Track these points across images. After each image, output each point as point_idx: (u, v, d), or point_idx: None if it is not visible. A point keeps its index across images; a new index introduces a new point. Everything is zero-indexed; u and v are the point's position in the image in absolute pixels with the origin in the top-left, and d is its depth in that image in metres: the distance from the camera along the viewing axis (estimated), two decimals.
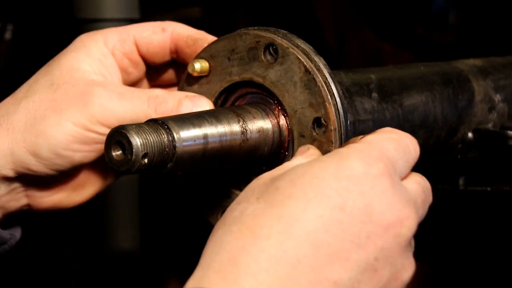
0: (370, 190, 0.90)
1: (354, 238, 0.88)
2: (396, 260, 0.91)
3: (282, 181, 0.92)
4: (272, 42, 1.07)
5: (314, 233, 0.87)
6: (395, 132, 0.98)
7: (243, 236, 0.88)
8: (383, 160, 0.93)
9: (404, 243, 0.91)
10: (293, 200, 0.89)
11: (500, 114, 1.35)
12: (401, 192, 0.92)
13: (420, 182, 0.98)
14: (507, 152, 1.30)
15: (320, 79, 1.04)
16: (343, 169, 0.91)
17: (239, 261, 0.86)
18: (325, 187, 0.90)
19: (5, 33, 2.31)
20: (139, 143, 0.96)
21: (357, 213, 0.89)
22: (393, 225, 0.90)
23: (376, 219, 0.90)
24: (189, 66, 1.12)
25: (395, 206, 0.91)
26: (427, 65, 1.30)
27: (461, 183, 1.35)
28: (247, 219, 0.89)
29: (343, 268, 0.88)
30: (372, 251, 0.89)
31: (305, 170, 0.92)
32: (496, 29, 2.12)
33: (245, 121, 1.07)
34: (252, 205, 0.91)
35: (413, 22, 2.23)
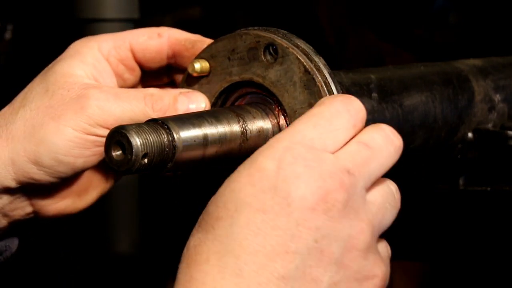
0: (284, 182, 0.91)
1: (285, 231, 0.90)
2: (339, 234, 0.91)
3: (210, 205, 0.95)
4: (272, 42, 1.07)
5: (246, 241, 0.90)
6: (319, 104, 0.97)
7: (189, 268, 0.92)
8: (292, 148, 0.92)
9: (338, 215, 0.91)
10: (220, 221, 0.92)
11: (500, 114, 1.35)
12: (319, 168, 0.92)
13: (363, 139, 0.96)
14: (507, 152, 1.30)
15: (319, 79, 1.04)
16: (255, 173, 0.92)
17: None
18: (243, 196, 0.92)
19: (5, 33, 2.31)
20: (139, 143, 0.96)
21: (278, 208, 0.90)
22: (317, 203, 0.91)
23: (298, 205, 0.90)
24: (189, 66, 1.12)
25: (313, 185, 0.91)
26: (427, 65, 1.30)
27: (461, 183, 1.35)
28: (190, 252, 0.93)
29: (286, 261, 0.89)
30: (307, 235, 0.90)
31: (224, 187, 0.94)
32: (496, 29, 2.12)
33: (245, 121, 1.07)
34: (193, 237, 0.94)
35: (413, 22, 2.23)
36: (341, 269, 0.91)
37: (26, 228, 1.19)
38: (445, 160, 1.34)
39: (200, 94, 1.12)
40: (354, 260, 0.92)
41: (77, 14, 1.90)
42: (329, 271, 0.91)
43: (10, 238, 1.18)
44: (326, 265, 0.91)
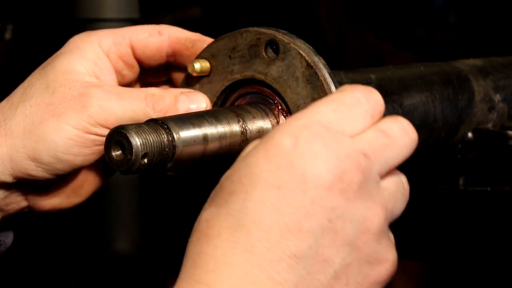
0: (301, 159, 0.90)
1: (299, 208, 0.89)
2: (353, 215, 0.90)
3: (223, 180, 0.94)
4: (273, 39, 1.07)
5: (259, 217, 0.89)
6: (340, 91, 0.97)
7: (199, 242, 0.91)
8: (310, 125, 0.92)
9: (354, 196, 0.90)
10: (233, 195, 0.91)
11: (500, 114, 1.35)
12: (337, 147, 0.91)
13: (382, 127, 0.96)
14: (507, 152, 1.30)
15: (322, 73, 1.04)
16: (271, 148, 0.91)
17: (198, 263, 0.90)
18: (258, 171, 0.91)
19: (5, 33, 2.31)
20: (139, 143, 0.96)
21: (294, 185, 0.90)
22: (333, 183, 0.90)
23: (314, 183, 0.90)
24: (189, 66, 1.12)
25: (330, 164, 0.90)
26: (427, 65, 1.30)
27: (461, 183, 1.35)
28: (201, 226, 0.92)
29: (299, 240, 0.88)
30: (321, 214, 0.89)
31: (239, 162, 0.93)
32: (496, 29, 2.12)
33: (245, 121, 1.07)
34: (205, 211, 0.93)
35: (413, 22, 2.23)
36: (354, 251, 0.91)
37: (21, 222, 1.19)
38: (445, 160, 1.34)
39: (200, 94, 1.12)
40: (367, 243, 0.91)
41: (77, 14, 1.90)
42: (342, 252, 0.90)
43: (5, 232, 1.18)
44: (339, 246, 0.90)
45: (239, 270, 0.88)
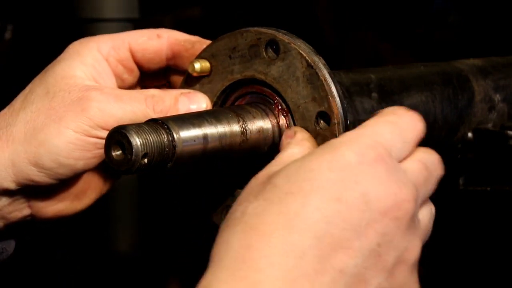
0: (364, 178, 0.91)
1: (354, 226, 0.90)
2: (399, 244, 0.92)
3: (278, 178, 0.93)
4: (273, 39, 1.07)
5: (315, 225, 0.89)
6: (394, 114, 0.99)
7: (247, 235, 0.90)
8: (376, 147, 0.94)
9: (404, 226, 0.92)
10: (291, 196, 0.91)
11: (500, 114, 1.35)
12: (397, 175, 0.93)
13: (423, 159, 0.99)
14: (507, 152, 1.30)
15: (322, 73, 1.04)
16: (336, 160, 0.92)
17: (247, 258, 0.88)
18: (321, 179, 0.91)
19: (5, 33, 2.31)
20: (139, 143, 0.96)
21: (354, 202, 0.90)
22: (391, 209, 0.92)
23: (373, 206, 0.91)
24: (189, 66, 1.12)
25: (391, 190, 0.92)
26: (427, 65, 1.30)
27: (461, 183, 1.35)
28: (249, 218, 0.91)
29: (348, 256, 0.89)
30: (373, 237, 0.91)
31: (299, 165, 0.93)
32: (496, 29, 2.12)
33: (245, 121, 1.07)
34: (252, 204, 0.92)
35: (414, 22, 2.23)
36: (390, 277, 0.92)
37: (23, 231, 1.18)
38: (445, 160, 1.34)
39: (201, 94, 1.12)
40: (402, 273, 0.93)
41: (77, 14, 1.90)
42: (379, 277, 0.91)
43: (6, 241, 1.17)
44: (379, 270, 0.91)
45: (288, 274, 0.87)
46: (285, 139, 1.05)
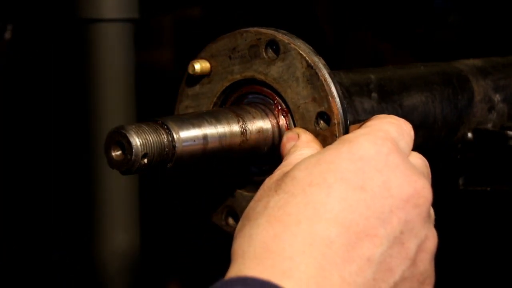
0: (385, 166, 0.93)
1: (379, 214, 0.91)
2: (419, 231, 0.93)
3: (297, 171, 0.94)
4: (273, 39, 1.07)
5: (341, 214, 0.90)
6: (391, 117, 1.01)
7: (272, 227, 0.90)
8: (389, 139, 0.96)
9: (424, 213, 0.94)
10: (315, 187, 0.91)
11: (500, 114, 1.35)
12: (411, 165, 0.96)
13: (421, 158, 1.01)
14: (507, 152, 1.30)
15: (322, 73, 1.05)
16: (356, 152, 0.93)
17: (274, 248, 0.88)
18: (343, 170, 0.92)
19: (5, 33, 2.31)
20: (139, 143, 0.96)
21: (378, 190, 0.92)
22: (412, 196, 0.93)
23: (395, 192, 0.92)
24: (189, 66, 1.12)
25: (411, 178, 0.94)
26: (427, 65, 1.30)
27: (461, 183, 1.35)
28: (272, 211, 0.91)
29: (374, 244, 0.90)
30: (397, 224, 0.92)
31: (319, 158, 0.94)
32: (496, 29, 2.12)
33: (245, 121, 1.07)
34: (273, 198, 0.93)
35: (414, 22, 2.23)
36: (412, 266, 0.93)
37: None
38: (445, 160, 1.34)
39: None
40: (423, 261, 0.94)
41: (77, 14, 1.89)
42: (403, 265, 0.92)
43: None
44: (403, 258, 0.92)
45: (316, 262, 0.87)
46: (288, 141, 1.05)
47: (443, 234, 1.20)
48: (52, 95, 2.22)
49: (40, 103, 2.20)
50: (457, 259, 1.59)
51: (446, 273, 1.73)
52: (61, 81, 2.19)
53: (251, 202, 0.96)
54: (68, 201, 2.22)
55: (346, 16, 2.38)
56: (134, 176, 1.93)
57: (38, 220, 2.28)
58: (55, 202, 2.29)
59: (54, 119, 2.24)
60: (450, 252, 1.46)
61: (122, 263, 2.03)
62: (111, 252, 2.01)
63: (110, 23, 1.88)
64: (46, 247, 2.28)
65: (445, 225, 1.42)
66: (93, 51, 1.86)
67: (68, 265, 2.22)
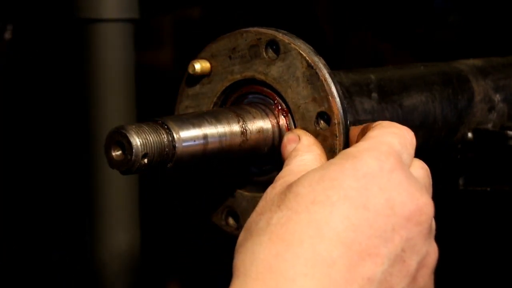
0: (388, 184, 0.92)
1: (381, 233, 0.91)
2: (421, 248, 0.93)
3: (300, 186, 0.93)
4: (273, 39, 1.07)
5: (344, 234, 0.89)
6: (395, 126, 1.00)
7: (275, 245, 0.90)
8: (393, 154, 0.95)
9: (426, 230, 0.94)
10: (318, 205, 0.91)
11: (500, 114, 1.35)
12: (414, 181, 0.95)
13: (423, 167, 1.00)
14: (507, 152, 1.30)
15: (322, 73, 1.04)
16: (359, 168, 0.93)
17: (276, 268, 0.88)
18: (346, 188, 0.91)
19: (5, 33, 2.31)
20: (139, 143, 0.96)
21: (381, 208, 0.91)
22: (414, 213, 0.93)
23: (398, 211, 0.92)
24: (189, 66, 1.12)
25: (413, 195, 0.93)
26: (427, 65, 1.30)
27: (461, 183, 1.35)
28: (274, 228, 0.91)
29: (375, 264, 0.90)
30: (399, 242, 0.91)
31: (322, 174, 0.93)
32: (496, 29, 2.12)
33: (245, 121, 1.07)
34: (276, 214, 0.92)
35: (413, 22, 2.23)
36: (412, 282, 0.93)
37: None
38: (445, 160, 1.34)
39: None
40: (423, 276, 0.94)
41: (77, 14, 1.89)
42: (403, 283, 0.92)
43: None
44: (404, 276, 0.92)
45: (319, 284, 0.87)
46: (288, 143, 1.04)
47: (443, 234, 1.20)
48: (52, 95, 2.22)
49: (40, 103, 2.20)
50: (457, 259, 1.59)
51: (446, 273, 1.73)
52: (61, 81, 2.19)
53: (253, 213, 0.95)
54: (68, 201, 2.21)
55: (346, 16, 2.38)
56: (134, 176, 1.93)
57: (38, 220, 2.28)
58: (55, 202, 2.29)
59: (54, 119, 2.24)
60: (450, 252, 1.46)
61: (122, 263, 2.03)
62: (111, 252, 2.01)
63: (110, 23, 1.88)
64: (46, 247, 2.28)
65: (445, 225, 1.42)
66: (93, 51, 1.85)
67: (68, 265, 2.22)
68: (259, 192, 1.07)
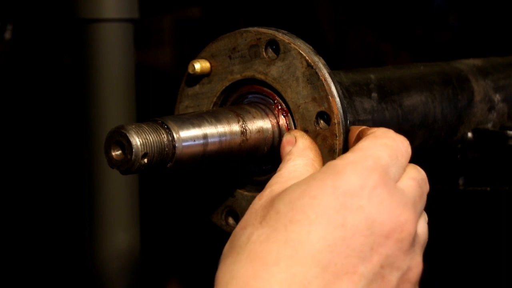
0: (368, 202, 0.92)
1: (358, 252, 0.91)
2: (401, 264, 0.93)
3: (281, 203, 0.93)
4: (273, 39, 1.07)
5: (320, 254, 0.90)
6: (387, 137, 0.99)
7: (252, 263, 0.91)
8: (377, 169, 0.94)
9: (406, 246, 0.93)
10: (296, 224, 0.91)
11: (500, 114, 1.35)
12: (398, 197, 0.94)
13: (415, 177, 0.99)
14: (507, 152, 1.30)
15: (322, 73, 1.04)
16: (340, 186, 0.92)
17: (253, 287, 0.89)
18: (324, 206, 0.91)
19: (5, 33, 2.31)
20: (139, 143, 0.96)
21: (358, 228, 0.91)
22: (394, 231, 0.92)
23: (377, 230, 0.92)
24: (189, 66, 1.12)
25: (394, 213, 0.93)
26: (427, 65, 1.30)
27: (461, 183, 1.35)
28: (253, 246, 0.92)
29: (353, 282, 0.90)
30: (377, 260, 0.91)
31: (303, 190, 0.93)
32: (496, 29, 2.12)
33: (245, 121, 1.07)
34: (257, 230, 0.93)
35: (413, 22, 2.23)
36: None
37: None
38: (445, 160, 1.34)
39: None
40: None
41: (77, 14, 1.89)
42: None
43: None
44: None
45: None
46: (286, 145, 1.04)
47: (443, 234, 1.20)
48: (52, 94, 2.22)
49: (40, 102, 2.20)
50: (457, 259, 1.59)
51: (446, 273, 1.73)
52: (61, 81, 2.19)
53: (238, 225, 0.96)
54: (68, 201, 2.21)
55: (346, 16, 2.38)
56: (134, 176, 1.93)
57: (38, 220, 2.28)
58: (55, 202, 2.29)
59: (54, 119, 2.24)
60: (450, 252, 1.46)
61: (122, 263, 2.03)
62: (111, 252, 2.01)
63: (110, 23, 1.88)
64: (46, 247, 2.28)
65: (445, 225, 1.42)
66: (93, 51, 1.85)
67: (68, 265, 2.22)
68: (259, 191, 1.07)
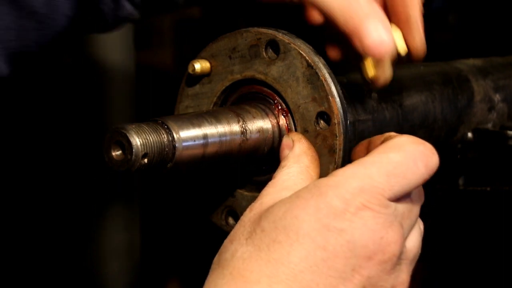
0: (350, 225, 0.92)
1: (340, 273, 0.91)
2: (384, 283, 0.94)
3: (266, 222, 0.94)
4: (273, 39, 1.07)
5: (301, 275, 0.91)
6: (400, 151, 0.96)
7: (235, 281, 0.92)
8: (364, 192, 0.93)
9: (390, 266, 0.94)
10: (278, 244, 0.92)
11: (500, 114, 1.35)
12: (383, 218, 0.93)
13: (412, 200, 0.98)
14: (507, 152, 1.30)
15: (322, 73, 1.04)
16: (322, 208, 0.92)
17: None
18: (306, 228, 0.92)
19: None
20: (139, 143, 0.96)
21: (340, 250, 0.92)
22: (376, 254, 0.93)
23: (358, 252, 0.92)
24: (189, 66, 1.12)
25: (377, 235, 0.93)
26: (427, 65, 1.30)
27: (461, 183, 1.35)
28: (237, 262, 0.93)
29: None
30: (358, 281, 0.92)
31: (286, 209, 0.94)
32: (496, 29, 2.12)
33: (245, 121, 1.07)
34: (242, 247, 0.94)
35: None
36: None
37: None
38: (445, 160, 1.34)
39: None
40: None
41: None
42: None
43: None
44: None
45: None
46: (286, 148, 1.04)
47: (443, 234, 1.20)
48: (52, 94, 2.21)
49: (40, 102, 2.20)
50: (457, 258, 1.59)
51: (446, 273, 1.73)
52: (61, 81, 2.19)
53: (226, 239, 0.97)
54: (68, 201, 2.21)
55: None
56: (134, 176, 1.93)
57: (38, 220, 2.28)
58: (55, 202, 2.29)
59: (54, 119, 2.24)
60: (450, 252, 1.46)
61: (122, 263, 2.03)
62: (111, 252, 2.01)
63: None
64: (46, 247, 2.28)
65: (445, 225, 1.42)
66: (93, 51, 1.86)
67: (68, 265, 2.22)
68: (259, 191, 1.07)
